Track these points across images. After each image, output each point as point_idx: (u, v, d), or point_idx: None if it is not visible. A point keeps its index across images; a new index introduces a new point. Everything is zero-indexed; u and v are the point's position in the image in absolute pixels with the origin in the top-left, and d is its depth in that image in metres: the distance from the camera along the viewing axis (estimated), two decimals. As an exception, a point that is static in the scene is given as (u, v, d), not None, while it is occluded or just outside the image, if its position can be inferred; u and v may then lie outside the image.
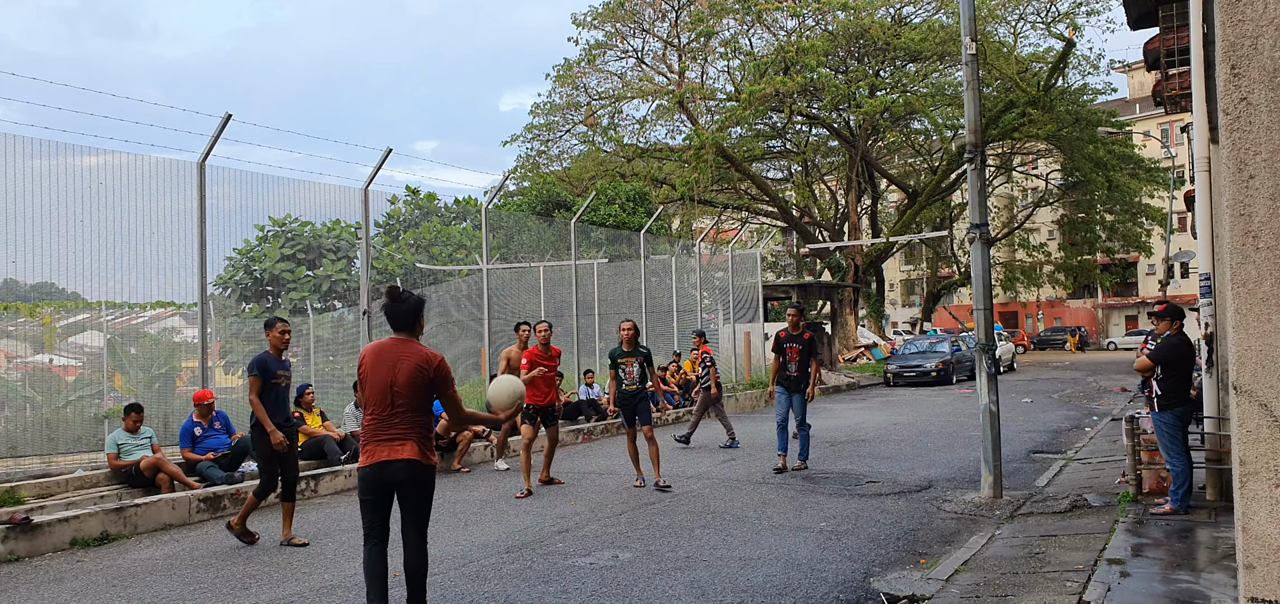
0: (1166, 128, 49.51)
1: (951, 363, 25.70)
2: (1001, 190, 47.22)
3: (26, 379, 14.89)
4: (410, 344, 5.03)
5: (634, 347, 9.99)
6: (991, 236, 18.53)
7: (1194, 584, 5.53)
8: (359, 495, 5.06)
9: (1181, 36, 11.70)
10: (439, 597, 5.93)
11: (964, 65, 9.13)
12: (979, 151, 8.96)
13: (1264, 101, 3.01)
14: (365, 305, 12.31)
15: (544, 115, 34.74)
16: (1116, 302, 62.18)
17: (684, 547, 7.04)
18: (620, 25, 32.10)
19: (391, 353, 4.99)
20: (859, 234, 36.91)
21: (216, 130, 10.17)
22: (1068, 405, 18.70)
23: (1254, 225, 3.03)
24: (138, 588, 6.44)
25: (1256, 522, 3.02)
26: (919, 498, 8.90)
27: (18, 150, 9.31)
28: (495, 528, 8.00)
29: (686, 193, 30.22)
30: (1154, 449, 8.09)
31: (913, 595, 5.59)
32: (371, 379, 4.98)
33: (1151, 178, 38.06)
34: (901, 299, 68.92)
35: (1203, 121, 7.81)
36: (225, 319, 22.38)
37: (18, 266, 10.15)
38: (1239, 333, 3.04)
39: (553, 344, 10.22)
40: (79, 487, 9.59)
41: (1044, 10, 31.03)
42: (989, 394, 8.79)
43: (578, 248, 18.16)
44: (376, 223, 29.96)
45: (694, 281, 22.93)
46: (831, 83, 30.74)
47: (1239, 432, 3.06)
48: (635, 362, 9.90)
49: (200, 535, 8.09)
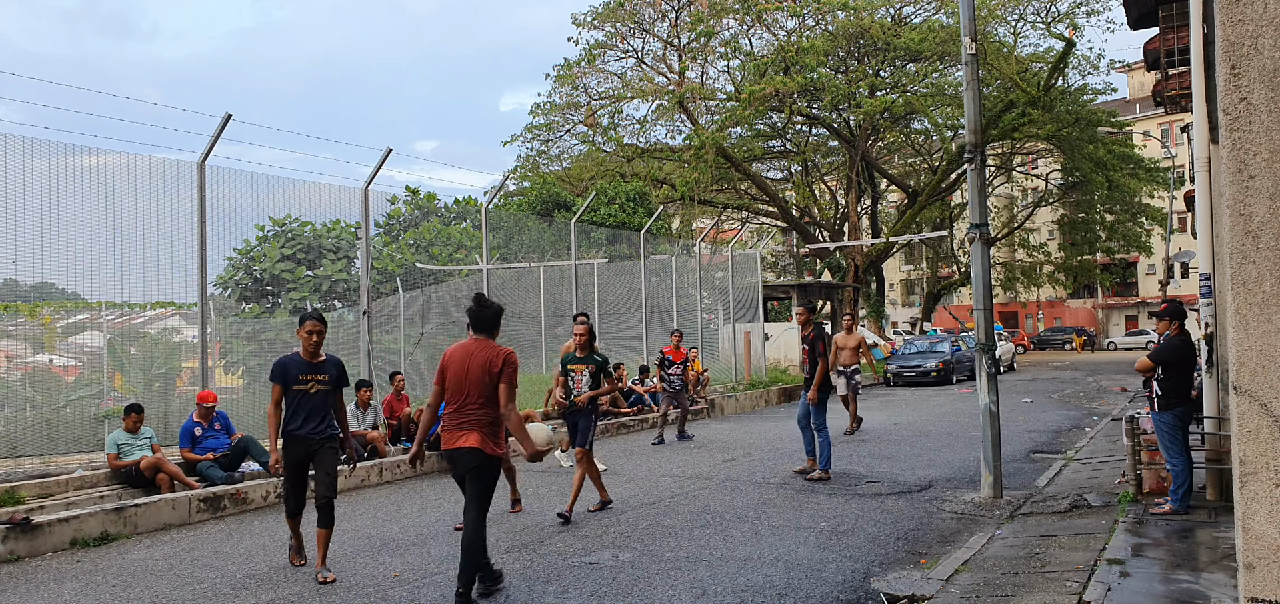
0: (1166, 128, 49.51)
1: (951, 363, 25.68)
2: (1001, 190, 47.23)
3: (26, 379, 14.89)
4: (487, 344, 5.74)
5: (589, 352, 8.51)
6: (991, 236, 18.53)
7: (1194, 584, 5.53)
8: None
9: (1181, 36, 11.71)
10: (439, 596, 5.94)
11: (964, 65, 9.13)
12: (979, 151, 8.96)
13: (1264, 101, 3.01)
14: (365, 305, 12.31)
15: (544, 115, 34.74)
16: (1116, 301, 62.18)
17: (684, 547, 7.04)
18: (620, 25, 32.10)
19: (470, 351, 5.71)
20: (859, 234, 36.90)
21: (216, 130, 10.17)
22: (1068, 405, 18.69)
23: (1254, 225, 3.03)
24: (138, 588, 6.44)
25: (1256, 522, 3.02)
26: (919, 498, 8.90)
27: (18, 150, 9.31)
28: (495, 528, 7.99)
29: (686, 193, 30.22)
30: (1154, 449, 8.09)
31: (913, 595, 5.59)
32: (451, 374, 5.68)
33: (1151, 178, 38.06)
34: (901, 299, 68.93)
35: (1203, 121, 7.80)
36: (225, 319, 22.36)
37: (18, 267, 10.15)
38: (1239, 333, 3.04)
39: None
40: (79, 487, 9.59)
41: (1044, 10, 31.03)
42: (989, 394, 8.78)
43: (578, 248, 18.16)
44: (376, 223, 29.97)
45: (694, 282, 22.93)
46: (831, 83, 30.74)
47: (1239, 432, 3.06)
48: (587, 370, 8.42)
49: (200, 535, 8.09)
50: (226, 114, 10.15)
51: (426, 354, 20.70)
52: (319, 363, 6.46)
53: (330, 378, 6.49)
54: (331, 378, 6.50)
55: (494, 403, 5.65)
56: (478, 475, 5.64)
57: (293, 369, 6.38)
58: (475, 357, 5.66)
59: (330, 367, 6.51)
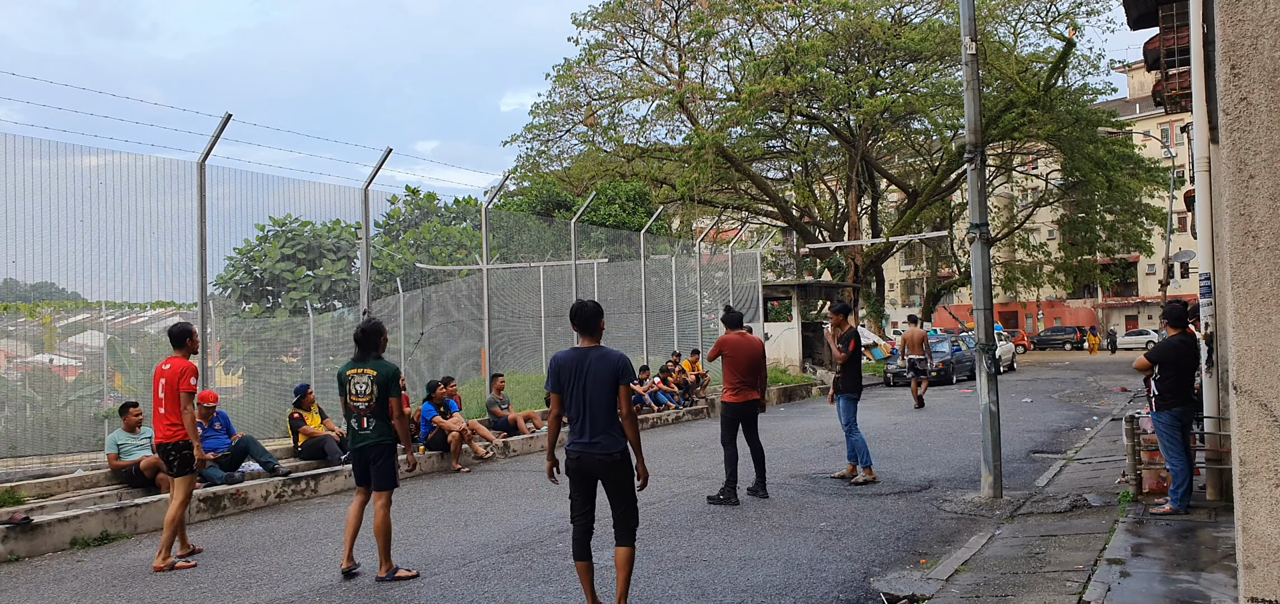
0: (1166, 128, 49.52)
1: (951, 363, 25.68)
2: (1001, 190, 47.20)
3: (26, 379, 14.91)
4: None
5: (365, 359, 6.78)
6: (991, 237, 18.52)
7: (1194, 584, 5.53)
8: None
9: (1181, 36, 11.69)
10: (439, 596, 5.94)
11: (964, 65, 9.13)
12: (979, 151, 8.96)
13: (1264, 101, 3.01)
14: (365, 305, 12.30)
15: (544, 115, 34.75)
16: (1116, 301, 62.16)
17: (684, 547, 7.04)
18: (620, 25, 32.10)
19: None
20: (859, 234, 36.90)
21: (216, 130, 10.16)
22: (1068, 405, 18.69)
23: (1254, 225, 3.03)
24: (138, 588, 6.44)
25: (1256, 522, 3.02)
26: (919, 498, 8.90)
27: (18, 150, 9.31)
28: (495, 528, 8.00)
29: (686, 193, 30.22)
30: (1154, 449, 8.09)
31: (913, 595, 5.59)
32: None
33: (1151, 178, 38.05)
34: (901, 299, 68.88)
35: (1203, 121, 7.80)
36: (225, 319, 22.39)
37: (18, 267, 10.16)
38: (1239, 333, 3.04)
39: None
40: (79, 487, 9.58)
41: (1044, 10, 31.03)
42: (989, 394, 8.78)
43: (578, 248, 18.15)
44: (376, 223, 29.95)
45: (694, 282, 22.93)
46: (831, 83, 30.74)
47: (1239, 432, 3.06)
48: (365, 376, 6.56)
49: (200, 535, 8.08)
50: (226, 114, 10.15)
51: (426, 354, 20.71)
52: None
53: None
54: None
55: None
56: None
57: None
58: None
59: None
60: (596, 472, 5.23)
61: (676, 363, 18.94)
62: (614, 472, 5.20)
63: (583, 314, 5.35)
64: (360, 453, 6.51)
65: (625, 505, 5.24)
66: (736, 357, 9.04)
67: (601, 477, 5.23)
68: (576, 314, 5.37)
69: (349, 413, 6.54)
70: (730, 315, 9.50)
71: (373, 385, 6.44)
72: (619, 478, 5.22)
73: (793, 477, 10.31)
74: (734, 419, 9.13)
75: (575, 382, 5.22)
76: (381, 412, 6.46)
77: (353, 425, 6.53)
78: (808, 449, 12.53)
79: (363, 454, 6.51)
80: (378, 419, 6.46)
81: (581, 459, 5.22)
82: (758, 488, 9.08)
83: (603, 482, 5.25)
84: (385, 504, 6.44)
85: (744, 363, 9.03)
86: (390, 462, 6.52)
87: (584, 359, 5.23)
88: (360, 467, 6.56)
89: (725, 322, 9.45)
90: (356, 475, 6.62)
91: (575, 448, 5.24)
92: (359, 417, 6.47)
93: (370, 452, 6.48)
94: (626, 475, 5.25)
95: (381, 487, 6.48)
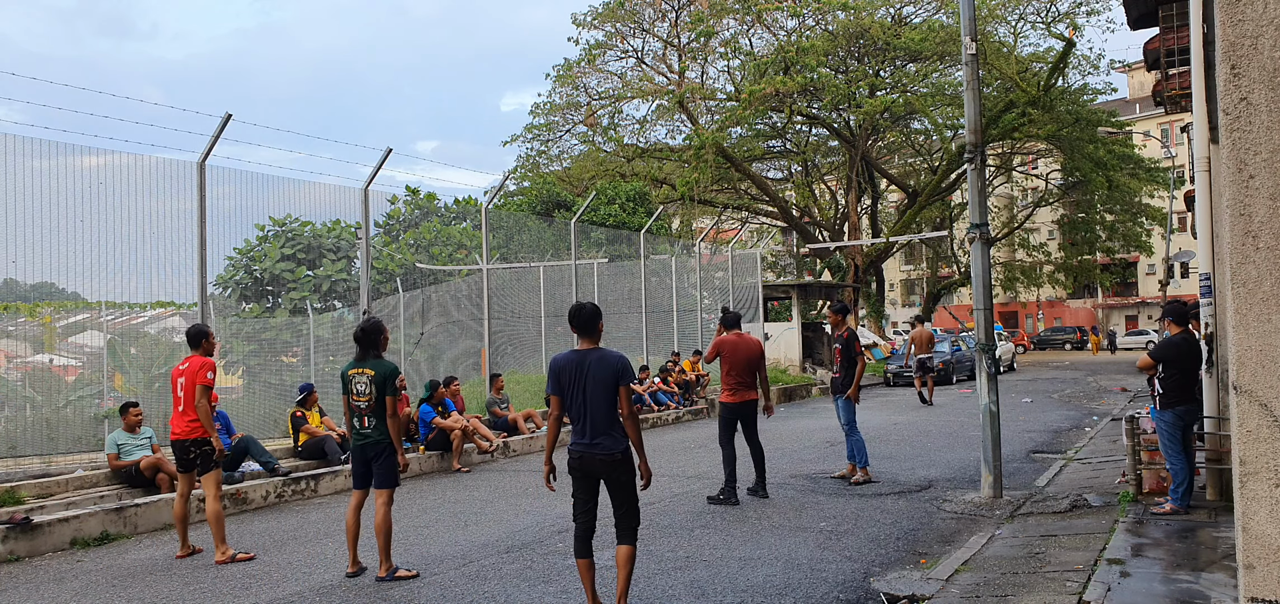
0: (1166, 128, 49.48)
1: (951, 363, 25.67)
2: (1001, 190, 47.18)
3: (26, 379, 14.91)
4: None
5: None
6: (991, 236, 18.51)
7: (1194, 584, 5.53)
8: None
9: (1181, 36, 11.71)
10: (438, 596, 5.94)
11: (964, 65, 9.13)
12: (979, 151, 8.96)
13: (1264, 101, 3.01)
14: (365, 305, 12.31)
15: (544, 115, 34.73)
16: (1116, 301, 62.15)
17: (684, 547, 7.04)
18: (620, 25, 32.09)
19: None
20: (859, 234, 36.89)
21: (216, 130, 10.16)
22: (1068, 405, 18.69)
23: (1254, 225, 3.03)
24: (138, 588, 6.44)
25: (1256, 522, 3.02)
26: (919, 498, 8.90)
27: (18, 150, 9.31)
28: (495, 528, 8.00)
29: (686, 193, 30.21)
30: (1154, 449, 8.09)
31: (913, 595, 5.59)
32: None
33: (1151, 178, 38.03)
34: (901, 299, 68.89)
35: (1203, 121, 7.80)
36: (225, 319, 22.36)
37: (18, 266, 10.15)
38: (1239, 333, 3.04)
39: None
40: (79, 487, 9.59)
41: (1044, 10, 31.02)
42: (989, 394, 8.78)
43: (578, 248, 18.15)
44: (376, 223, 29.94)
45: (694, 282, 22.93)
46: (831, 83, 30.73)
47: (1239, 432, 3.06)
48: (365, 376, 6.54)
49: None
50: (226, 114, 10.14)
51: (426, 354, 20.71)
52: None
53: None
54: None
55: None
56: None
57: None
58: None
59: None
60: (599, 471, 5.25)
61: (676, 363, 18.95)
62: (616, 471, 5.22)
63: (581, 316, 5.35)
64: (362, 451, 6.53)
65: (627, 504, 5.25)
66: (734, 357, 9.10)
67: (603, 476, 5.25)
68: (575, 316, 5.37)
69: (351, 412, 6.57)
70: (727, 316, 9.55)
71: (372, 385, 6.47)
72: (620, 477, 5.23)
73: (793, 477, 10.31)
74: (732, 419, 9.16)
75: (575, 384, 5.22)
76: (382, 410, 6.49)
77: (355, 424, 6.56)
78: (808, 449, 12.53)
79: (364, 452, 6.53)
80: (379, 418, 6.50)
81: (583, 459, 5.25)
82: (758, 488, 9.08)
83: (604, 481, 5.27)
84: (386, 502, 6.46)
85: (742, 363, 9.09)
86: (392, 459, 6.52)
87: (583, 361, 5.24)
88: (361, 466, 6.58)
89: (723, 323, 9.51)
90: (355, 476, 6.64)
91: (577, 448, 5.27)
92: (360, 416, 6.51)
93: (372, 449, 6.51)
94: (628, 475, 5.26)
95: (383, 484, 6.49)
